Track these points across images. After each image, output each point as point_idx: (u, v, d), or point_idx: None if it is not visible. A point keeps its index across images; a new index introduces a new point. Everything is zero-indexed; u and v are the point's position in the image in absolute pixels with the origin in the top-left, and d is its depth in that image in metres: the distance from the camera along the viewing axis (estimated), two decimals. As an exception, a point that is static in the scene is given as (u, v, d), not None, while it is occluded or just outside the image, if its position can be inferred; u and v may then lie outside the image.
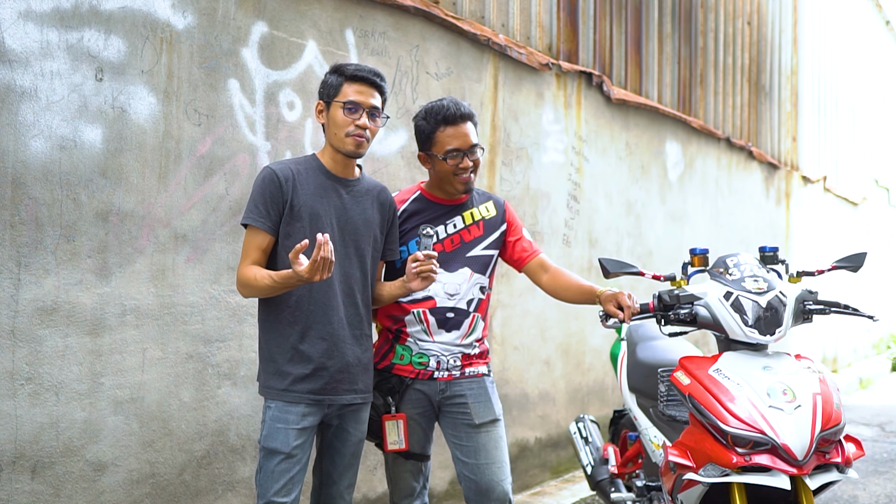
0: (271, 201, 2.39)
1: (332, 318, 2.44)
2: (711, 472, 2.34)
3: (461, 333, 2.66)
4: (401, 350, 2.67)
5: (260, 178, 2.43)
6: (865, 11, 11.92)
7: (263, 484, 2.40)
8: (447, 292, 2.65)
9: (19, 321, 2.53)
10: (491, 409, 2.67)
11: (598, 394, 5.40)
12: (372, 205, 2.57)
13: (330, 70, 2.51)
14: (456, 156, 2.63)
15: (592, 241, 5.33)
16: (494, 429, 2.67)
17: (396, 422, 2.62)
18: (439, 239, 2.69)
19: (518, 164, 4.64)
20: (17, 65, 2.52)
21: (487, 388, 2.70)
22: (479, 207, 2.78)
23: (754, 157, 7.89)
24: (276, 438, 2.38)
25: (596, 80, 5.31)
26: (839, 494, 4.72)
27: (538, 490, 4.73)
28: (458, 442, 2.66)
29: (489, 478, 2.62)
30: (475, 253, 2.71)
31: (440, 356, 2.65)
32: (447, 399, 2.66)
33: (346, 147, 2.47)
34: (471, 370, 2.69)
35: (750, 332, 2.52)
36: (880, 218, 12.72)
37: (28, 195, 2.54)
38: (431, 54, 4.05)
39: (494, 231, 2.77)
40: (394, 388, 2.65)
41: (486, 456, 2.63)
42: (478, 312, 2.70)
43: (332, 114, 2.46)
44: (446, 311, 2.65)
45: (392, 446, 2.61)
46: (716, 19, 7.16)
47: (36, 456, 2.56)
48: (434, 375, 2.65)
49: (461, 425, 2.65)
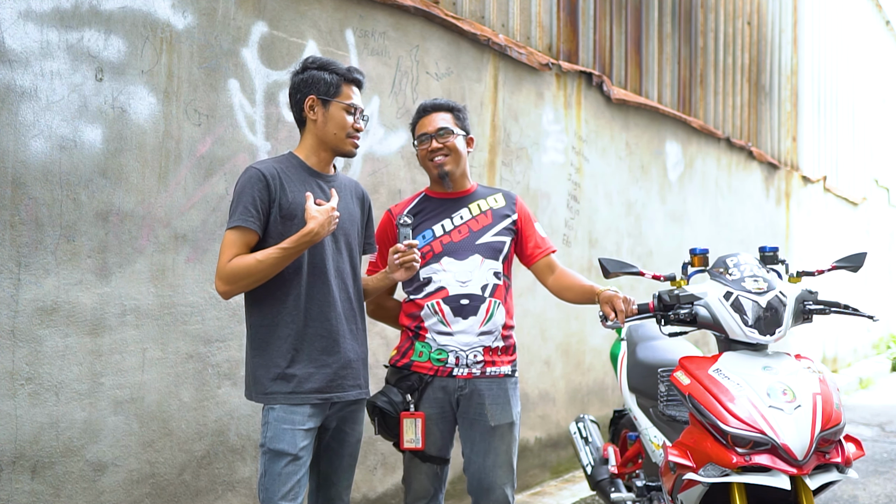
0: (259, 201, 2.33)
1: (330, 314, 2.42)
2: (711, 472, 2.34)
3: (479, 319, 2.64)
4: (420, 347, 2.68)
5: (245, 178, 2.36)
6: (865, 11, 11.92)
7: (269, 488, 2.31)
8: (458, 280, 2.66)
9: (19, 321, 2.53)
10: (508, 413, 2.67)
11: (598, 394, 5.40)
12: (353, 199, 2.57)
13: (317, 66, 2.45)
14: (424, 139, 2.74)
15: (592, 241, 5.33)
16: (509, 432, 2.68)
17: (415, 420, 2.60)
18: (446, 231, 2.71)
19: (518, 164, 4.64)
20: (17, 65, 2.52)
21: (508, 389, 2.69)
22: (486, 199, 2.81)
23: (754, 157, 7.89)
24: (283, 440, 2.32)
25: (596, 80, 5.31)
26: (839, 494, 4.72)
27: (538, 490, 4.73)
28: (471, 440, 2.68)
29: (493, 479, 2.65)
30: (485, 240, 2.72)
31: (459, 351, 2.63)
32: (466, 397, 2.65)
33: (346, 148, 2.47)
34: (493, 370, 2.67)
35: (750, 332, 2.52)
36: (880, 218, 12.72)
37: (28, 195, 2.54)
38: (431, 54, 4.05)
39: (504, 219, 2.78)
40: (413, 386, 2.65)
41: (494, 458, 2.65)
42: (495, 297, 2.68)
43: (332, 113, 2.44)
44: (460, 297, 2.65)
45: (408, 444, 2.60)
46: (716, 19, 7.16)
47: (36, 456, 2.56)
48: (453, 372, 2.64)
49: (476, 424, 2.66)
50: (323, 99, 2.43)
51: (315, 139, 2.47)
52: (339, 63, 2.49)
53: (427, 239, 2.71)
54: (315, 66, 2.46)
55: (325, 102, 2.44)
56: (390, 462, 3.81)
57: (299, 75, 2.47)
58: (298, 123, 2.51)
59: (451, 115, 2.76)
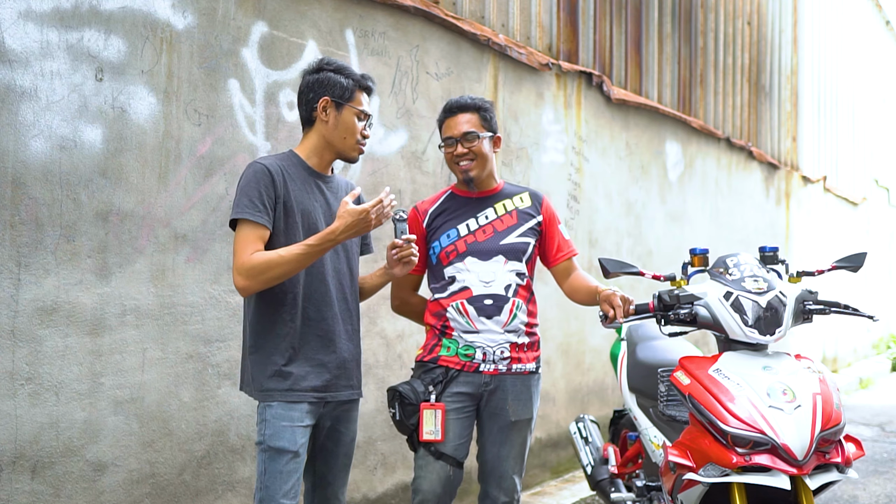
0: (266, 196, 2.31)
1: (328, 314, 2.43)
2: (711, 472, 2.34)
3: (503, 319, 2.67)
4: (447, 343, 2.70)
5: (251, 172, 2.33)
6: (865, 11, 11.93)
7: (270, 486, 2.29)
8: (482, 280, 2.68)
9: (19, 321, 2.53)
10: (529, 409, 2.73)
11: (598, 394, 5.40)
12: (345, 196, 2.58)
13: (333, 69, 2.45)
14: (450, 143, 2.73)
15: (592, 241, 5.33)
16: (527, 426, 2.75)
17: (434, 411, 2.61)
18: (470, 231, 2.73)
19: (518, 165, 4.64)
20: (17, 65, 2.52)
21: (531, 386, 2.74)
22: (512, 199, 2.82)
23: (754, 157, 7.89)
24: (283, 437, 2.31)
25: (596, 80, 5.31)
26: (839, 494, 4.72)
27: (538, 490, 4.73)
28: (489, 430, 2.72)
29: (505, 468, 2.73)
30: (509, 241, 2.74)
31: (486, 348, 2.66)
32: (491, 392, 2.69)
33: (352, 153, 2.48)
34: (518, 367, 2.70)
35: (750, 332, 2.52)
36: (880, 218, 12.72)
37: (28, 195, 2.54)
38: (431, 54, 4.05)
39: (529, 220, 2.79)
40: (437, 379, 2.66)
41: (509, 450, 2.72)
42: (517, 298, 2.70)
43: (344, 117, 2.43)
44: (484, 298, 2.67)
45: (427, 436, 2.60)
46: (716, 19, 7.16)
47: (36, 456, 2.56)
48: (480, 368, 2.66)
49: (497, 418, 2.70)
50: (337, 102, 2.43)
51: (321, 140, 2.46)
52: (353, 68, 2.49)
53: (451, 238, 2.73)
54: (331, 69, 2.46)
55: (338, 106, 2.43)
56: (390, 462, 3.81)
57: (314, 75, 2.46)
58: (305, 122, 2.49)
59: (477, 116, 2.74)
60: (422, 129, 3.99)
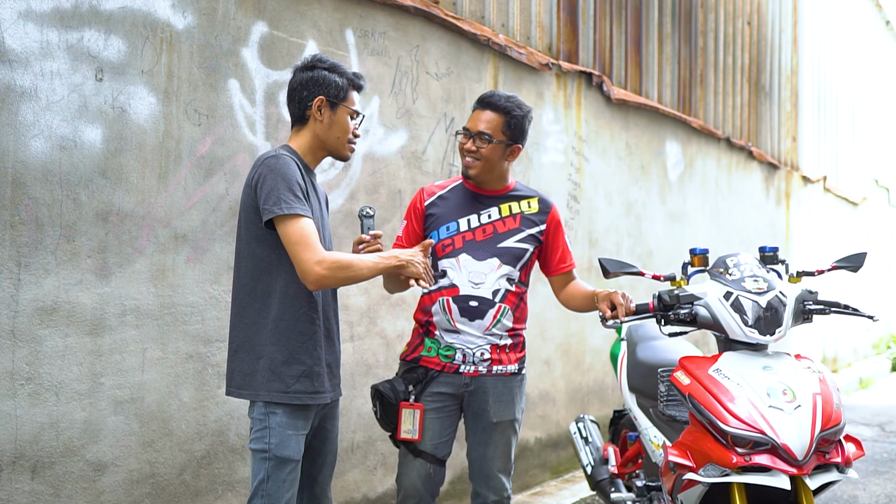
0: (300, 189, 2.28)
1: (330, 314, 2.44)
2: (711, 472, 2.34)
3: (484, 324, 2.65)
4: (429, 343, 2.70)
5: (283, 164, 2.27)
6: (865, 11, 11.92)
7: (273, 494, 2.27)
8: (471, 280, 2.66)
9: (19, 321, 2.53)
10: (511, 410, 2.72)
11: (598, 394, 5.40)
12: (324, 198, 2.59)
13: (327, 67, 2.42)
14: (464, 134, 2.71)
15: (592, 241, 5.33)
16: (510, 428, 2.73)
17: (413, 410, 2.62)
18: (471, 227, 2.71)
19: (518, 164, 4.64)
20: (17, 65, 2.52)
21: (513, 388, 2.72)
22: (519, 202, 2.78)
23: (754, 157, 7.89)
24: (289, 446, 2.29)
25: (596, 80, 5.31)
26: (839, 494, 4.72)
27: (538, 490, 4.73)
28: (473, 431, 2.74)
29: (491, 468, 2.73)
30: (506, 244, 2.71)
31: (465, 349, 2.65)
32: (472, 394, 2.69)
33: (345, 152, 2.48)
34: (499, 368, 2.69)
35: (750, 332, 2.52)
36: (880, 218, 12.72)
37: (28, 195, 2.54)
38: (431, 54, 4.05)
39: (531, 227, 2.75)
40: (418, 378, 2.67)
41: (493, 450, 2.73)
42: (505, 303, 2.68)
43: (338, 117, 2.42)
44: (469, 299, 2.65)
45: (405, 435, 2.62)
46: (716, 19, 7.16)
47: (36, 456, 2.56)
48: (460, 370, 2.66)
49: (479, 419, 2.71)
50: (332, 101, 2.41)
51: (315, 139, 2.44)
52: (344, 66, 2.48)
53: (451, 231, 2.71)
54: (325, 67, 2.42)
55: (332, 105, 2.41)
56: (390, 462, 3.81)
57: (307, 72, 2.42)
58: (297, 120, 2.45)
59: (501, 120, 2.65)
60: (422, 129, 3.99)
